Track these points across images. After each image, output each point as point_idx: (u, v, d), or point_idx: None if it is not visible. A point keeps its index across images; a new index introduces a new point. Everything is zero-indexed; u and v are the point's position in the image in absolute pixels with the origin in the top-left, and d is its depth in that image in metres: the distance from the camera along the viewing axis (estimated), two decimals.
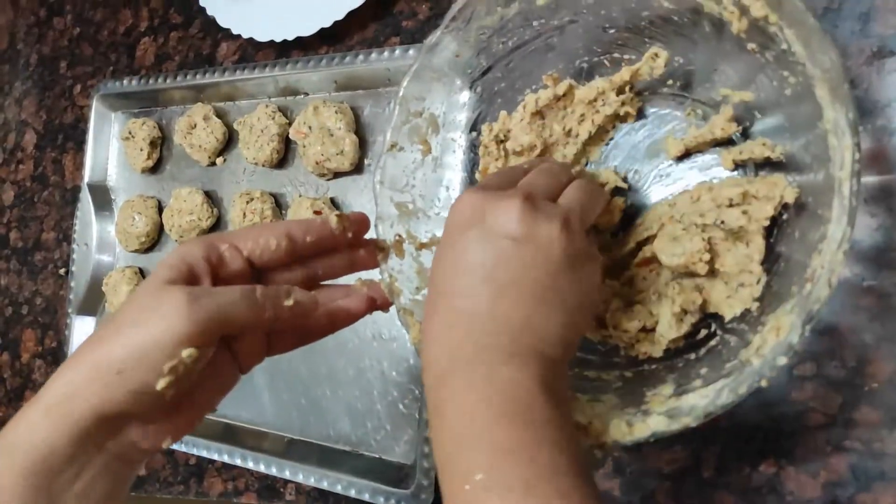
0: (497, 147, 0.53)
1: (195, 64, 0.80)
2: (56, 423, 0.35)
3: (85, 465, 0.36)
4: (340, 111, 0.65)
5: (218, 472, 0.71)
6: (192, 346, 0.35)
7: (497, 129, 0.53)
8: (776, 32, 0.40)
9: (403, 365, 0.62)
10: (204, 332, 0.36)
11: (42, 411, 0.36)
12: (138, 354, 0.35)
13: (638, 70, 0.50)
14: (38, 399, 0.36)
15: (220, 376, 0.42)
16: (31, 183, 0.94)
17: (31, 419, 0.36)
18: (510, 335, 0.34)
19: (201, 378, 0.39)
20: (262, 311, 0.39)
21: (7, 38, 1.01)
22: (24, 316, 0.91)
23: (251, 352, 0.43)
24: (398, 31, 0.67)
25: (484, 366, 0.33)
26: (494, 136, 0.53)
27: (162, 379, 0.35)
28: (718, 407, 0.37)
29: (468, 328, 0.35)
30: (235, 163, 0.74)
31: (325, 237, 0.43)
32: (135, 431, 0.38)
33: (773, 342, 0.37)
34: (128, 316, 0.36)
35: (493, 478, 0.30)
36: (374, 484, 0.59)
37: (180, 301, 0.36)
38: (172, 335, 0.35)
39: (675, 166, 0.50)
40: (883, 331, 0.44)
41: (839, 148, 0.36)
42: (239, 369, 0.43)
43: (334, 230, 0.43)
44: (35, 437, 0.35)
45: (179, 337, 0.35)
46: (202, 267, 0.40)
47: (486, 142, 0.53)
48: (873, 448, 0.44)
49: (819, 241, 0.36)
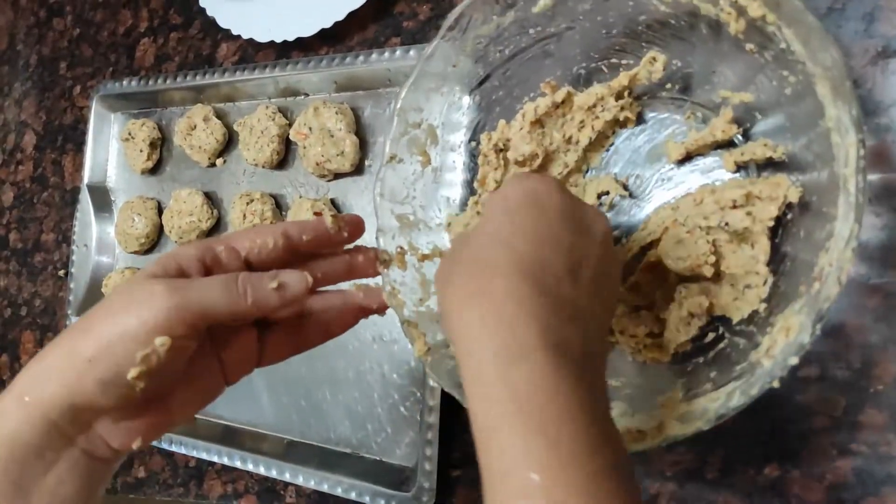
0: (496, 156, 0.53)
1: (195, 65, 0.79)
2: (27, 412, 0.35)
3: (55, 459, 0.36)
4: (341, 112, 0.65)
5: (217, 474, 0.70)
6: (167, 335, 0.34)
7: (496, 138, 0.53)
8: (774, 32, 0.40)
9: (404, 367, 0.62)
10: (180, 320, 0.35)
11: (15, 399, 0.35)
12: (111, 343, 0.34)
13: (636, 75, 0.50)
14: (12, 387, 0.36)
15: (201, 383, 0.41)
16: (30, 184, 0.93)
17: (6, 407, 0.35)
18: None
19: (179, 381, 0.38)
20: (242, 298, 0.37)
21: (7, 38, 1.01)
22: (23, 317, 0.90)
23: (240, 359, 0.42)
24: (398, 31, 0.67)
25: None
26: (493, 145, 0.53)
27: (134, 368, 0.34)
28: (731, 409, 0.37)
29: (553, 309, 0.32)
30: (235, 164, 0.74)
31: (321, 236, 0.43)
32: (104, 427, 0.37)
33: (784, 342, 0.36)
34: (105, 306, 0.36)
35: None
36: (375, 486, 0.58)
37: (156, 290, 0.35)
38: (146, 324, 0.34)
39: (676, 170, 0.50)
40: (889, 332, 0.44)
41: (843, 145, 0.35)
42: (224, 379, 0.42)
43: (330, 229, 0.43)
44: (6, 426, 0.35)
45: (154, 325, 0.34)
46: (194, 266, 0.39)
47: (485, 151, 0.53)
48: (879, 451, 0.43)
49: (826, 240, 0.36)
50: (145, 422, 0.38)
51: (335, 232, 0.43)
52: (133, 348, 0.34)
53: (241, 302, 0.37)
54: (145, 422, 0.38)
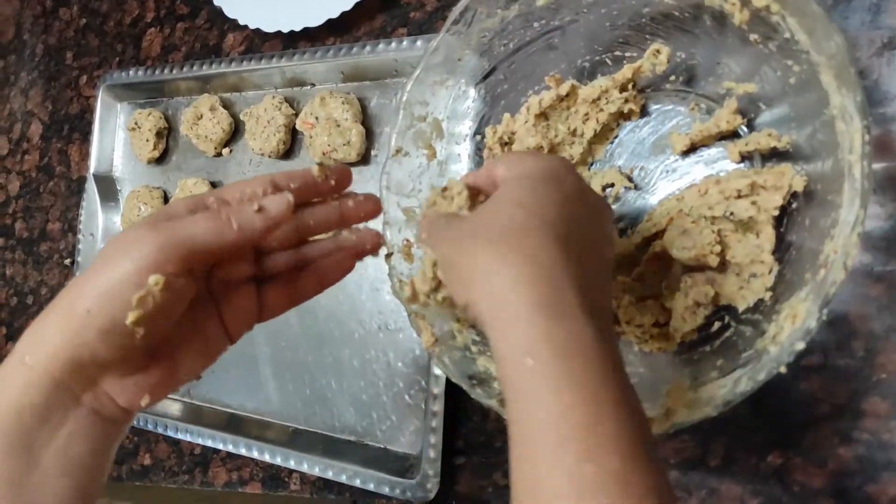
0: (501, 149, 0.54)
1: (202, 55, 0.80)
2: (31, 374, 0.35)
3: (63, 419, 0.36)
4: (347, 102, 0.65)
5: (223, 461, 0.71)
6: (159, 272, 0.34)
7: (501, 131, 0.53)
8: (778, 22, 0.40)
9: (409, 356, 0.62)
10: (169, 257, 0.35)
11: (17, 362, 0.35)
12: (106, 290, 0.34)
13: (640, 67, 0.50)
14: (14, 352, 0.36)
15: (204, 339, 0.40)
16: (36, 173, 0.94)
17: (8, 371, 0.35)
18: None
19: (182, 337, 0.38)
20: (227, 226, 0.37)
21: (13, 28, 1.01)
22: (30, 306, 0.91)
23: (240, 314, 0.41)
24: (405, 22, 0.67)
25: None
26: (498, 138, 0.53)
27: (131, 312, 0.34)
28: (738, 395, 0.37)
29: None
30: (241, 154, 0.74)
31: (309, 184, 0.42)
32: (110, 384, 0.37)
33: (790, 329, 0.37)
34: (98, 259, 0.36)
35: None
36: (379, 474, 0.59)
37: (143, 232, 0.35)
38: (137, 266, 0.34)
39: (680, 161, 0.50)
40: (892, 321, 0.44)
41: (848, 132, 0.36)
42: (228, 336, 0.42)
43: (317, 177, 0.42)
44: (10, 390, 0.35)
45: (145, 265, 0.34)
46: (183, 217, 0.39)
47: (490, 144, 0.53)
48: (881, 439, 0.44)
49: (831, 228, 0.36)
50: (151, 378, 0.38)
51: (322, 180, 0.42)
52: (128, 292, 0.34)
53: (227, 230, 0.37)
54: (151, 378, 0.38)
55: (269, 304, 0.43)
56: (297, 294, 0.44)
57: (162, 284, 0.34)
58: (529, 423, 0.30)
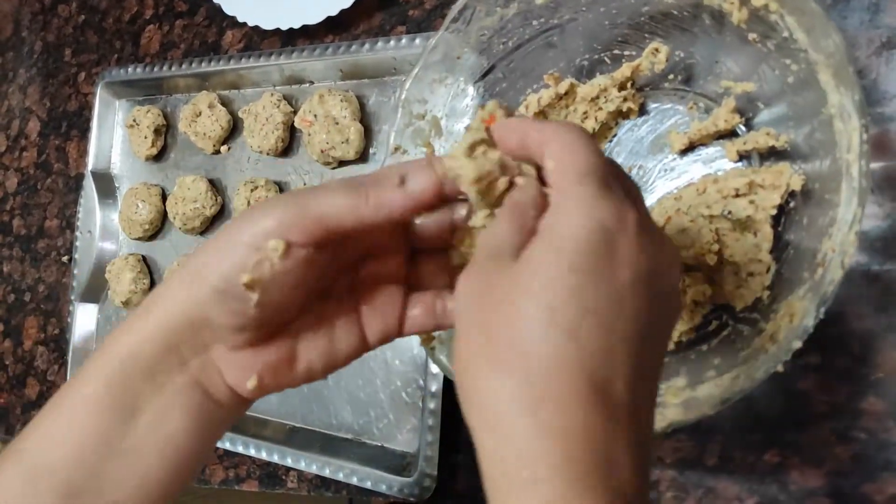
0: None
1: (200, 52, 0.80)
2: (148, 327, 0.34)
3: (164, 383, 0.34)
4: (346, 100, 0.65)
5: (220, 459, 0.71)
6: (279, 237, 0.33)
7: None
8: (777, 21, 0.40)
9: (407, 354, 0.62)
10: (295, 225, 0.33)
11: (144, 310, 0.35)
12: (225, 248, 0.33)
13: (639, 66, 0.50)
14: (139, 307, 0.35)
15: (331, 334, 0.37)
16: (34, 170, 0.94)
17: (131, 319, 0.35)
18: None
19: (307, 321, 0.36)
20: (362, 199, 0.33)
21: (12, 25, 1.01)
22: (27, 303, 0.91)
23: (381, 312, 0.37)
24: (404, 20, 0.67)
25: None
26: None
27: (245, 274, 0.33)
28: (735, 393, 0.37)
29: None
30: (240, 151, 0.74)
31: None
32: (220, 353, 0.35)
33: (788, 328, 0.37)
34: (231, 221, 0.35)
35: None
36: (377, 471, 0.59)
37: (275, 199, 0.34)
38: (259, 229, 0.33)
39: (679, 160, 0.51)
40: (889, 320, 0.44)
41: (846, 131, 0.36)
42: (364, 338, 0.37)
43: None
44: (127, 337, 0.34)
45: (268, 229, 0.33)
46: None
47: None
48: (878, 438, 0.44)
49: (829, 226, 0.36)
50: (264, 358, 0.36)
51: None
52: (246, 253, 0.33)
53: (362, 204, 0.33)
54: (264, 358, 0.36)
55: (415, 318, 0.38)
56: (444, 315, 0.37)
57: (281, 251, 0.33)
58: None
